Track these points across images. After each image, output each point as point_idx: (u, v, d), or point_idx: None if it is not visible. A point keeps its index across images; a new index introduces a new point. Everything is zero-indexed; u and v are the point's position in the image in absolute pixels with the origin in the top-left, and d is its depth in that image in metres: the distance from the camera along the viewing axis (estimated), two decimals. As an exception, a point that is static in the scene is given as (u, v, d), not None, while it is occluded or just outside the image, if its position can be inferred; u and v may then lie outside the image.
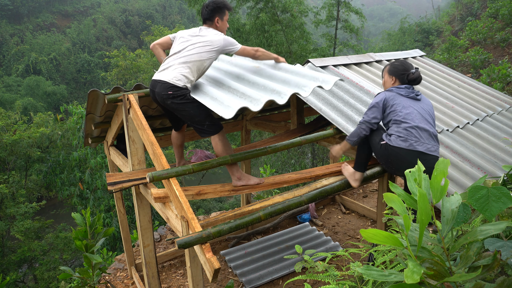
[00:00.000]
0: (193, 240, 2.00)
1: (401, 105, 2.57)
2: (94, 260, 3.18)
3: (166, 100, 2.64)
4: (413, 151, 2.45)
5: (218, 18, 2.85)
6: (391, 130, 2.56)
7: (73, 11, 45.58)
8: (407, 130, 2.48)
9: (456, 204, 1.08)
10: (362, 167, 2.73)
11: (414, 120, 2.51)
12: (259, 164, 13.83)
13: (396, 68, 2.73)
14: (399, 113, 2.54)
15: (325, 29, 13.84)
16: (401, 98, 2.61)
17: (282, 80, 2.75)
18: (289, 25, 12.36)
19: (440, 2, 40.67)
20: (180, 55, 2.72)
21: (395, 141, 2.49)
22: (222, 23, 2.88)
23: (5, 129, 12.07)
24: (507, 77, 8.49)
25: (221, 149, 2.71)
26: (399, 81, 2.72)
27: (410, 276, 0.85)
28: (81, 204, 9.76)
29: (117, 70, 21.85)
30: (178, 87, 2.62)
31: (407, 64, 2.74)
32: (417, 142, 2.46)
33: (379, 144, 2.59)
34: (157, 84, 2.67)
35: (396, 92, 2.64)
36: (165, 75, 2.67)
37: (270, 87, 2.61)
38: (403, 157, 2.46)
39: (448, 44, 13.94)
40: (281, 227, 5.19)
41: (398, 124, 2.53)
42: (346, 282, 1.70)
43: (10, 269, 10.26)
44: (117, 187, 2.75)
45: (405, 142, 2.46)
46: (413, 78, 2.67)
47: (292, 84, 2.66)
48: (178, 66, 2.68)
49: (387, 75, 2.79)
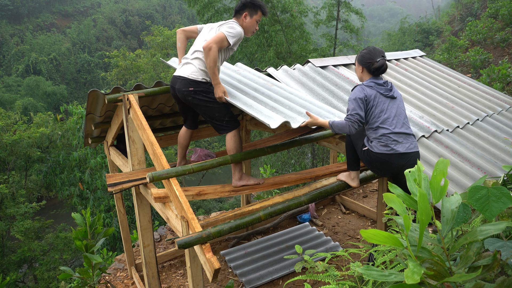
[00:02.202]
0: (193, 240, 2.00)
1: (379, 107, 2.49)
2: (94, 260, 3.18)
3: (187, 96, 2.66)
4: (394, 154, 2.46)
5: (247, 14, 2.76)
6: (369, 135, 2.55)
7: (73, 11, 45.59)
8: (385, 135, 2.47)
9: (456, 204, 1.08)
10: (354, 166, 2.73)
11: (391, 125, 2.48)
12: (259, 164, 13.83)
13: (362, 57, 2.60)
14: (377, 118, 2.48)
15: (325, 29, 13.85)
16: (381, 98, 2.51)
17: (303, 105, 2.94)
18: (289, 25, 12.36)
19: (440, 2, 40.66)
20: (196, 49, 2.74)
21: (376, 147, 2.49)
22: (250, 21, 2.77)
23: (5, 129, 12.07)
24: (507, 77, 8.49)
25: (233, 145, 2.73)
26: (366, 70, 2.60)
27: (410, 276, 0.85)
28: (81, 204, 9.75)
29: (117, 70, 21.85)
30: (198, 82, 2.65)
31: (375, 51, 2.59)
32: (397, 145, 2.47)
33: (362, 150, 2.59)
34: (177, 81, 2.70)
35: (377, 91, 2.52)
36: (184, 71, 2.70)
37: (296, 109, 2.80)
38: (386, 162, 2.48)
39: (448, 44, 13.94)
40: (281, 227, 5.19)
41: (374, 130, 2.50)
42: (346, 282, 1.70)
43: (10, 269, 10.26)
44: (117, 188, 2.76)
45: (385, 147, 2.47)
46: (377, 67, 2.54)
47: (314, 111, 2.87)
48: (195, 60, 2.70)
49: (356, 63, 2.69)
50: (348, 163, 2.75)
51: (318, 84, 3.62)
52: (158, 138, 3.99)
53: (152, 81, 19.95)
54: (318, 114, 2.82)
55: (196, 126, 3.11)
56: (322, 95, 3.44)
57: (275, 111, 2.69)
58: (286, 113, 2.67)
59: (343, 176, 2.79)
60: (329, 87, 3.57)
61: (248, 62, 13.08)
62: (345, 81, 3.72)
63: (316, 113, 2.81)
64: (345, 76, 3.78)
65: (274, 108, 2.73)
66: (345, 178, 2.77)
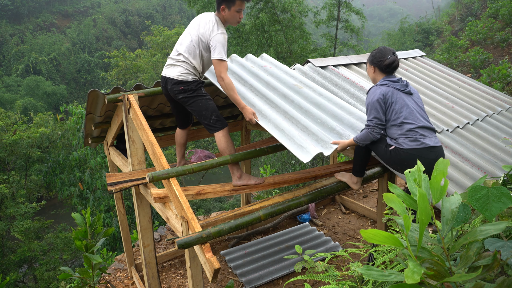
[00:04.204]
0: (193, 240, 2.00)
1: (399, 103, 2.45)
2: (94, 260, 3.18)
3: (178, 95, 2.73)
4: (425, 148, 2.40)
5: (224, 7, 2.72)
6: (394, 132, 2.46)
7: (73, 11, 45.60)
8: (412, 130, 2.41)
9: (456, 204, 1.08)
10: (360, 172, 2.68)
11: (416, 120, 2.44)
12: (259, 164, 13.82)
13: (374, 57, 2.60)
14: (400, 114, 2.43)
15: (326, 29, 13.85)
16: (399, 94, 2.48)
17: (334, 115, 2.82)
18: (289, 25, 12.37)
19: (440, 2, 40.66)
20: (180, 51, 2.77)
21: (406, 144, 2.41)
22: (230, 13, 2.73)
23: (5, 129, 12.07)
24: (507, 77, 8.49)
25: (224, 145, 2.74)
26: (378, 69, 2.59)
27: (410, 276, 0.85)
28: (81, 204, 9.76)
29: (117, 70, 21.87)
30: (187, 81, 2.70)
31: (386, 50, 2.59)
32: (425, 138, 2.42)
33: (387, 151, 2.49)
34: (168, 80, 2.75)
35: (393, 87, 2.49)
36: (172, 72, 2.74)
37: (328, 124, 2.69)
38: (418, 157, 2.37)
39: (448, 44, 13.94)
40: (281, 227, 5.19)
41: (399, 126, 2.44)
42: (346, 282, 1.70)
43: (10, 269, 10.26)
44: (117, 188, 2.76)
45: (415, 142, 2.40)
46: (388, 64, 2.52)
47: (345, 123, 2.77)
48: (181, 63, 2.74)
49: (368, 65, 2.67)
50: (355, 169, 2.68)
51: (318, 84, 3.62)
52: (158, 138, 3.99)
53: (152, 81, 19.95)
54: (350, 125, 2.72)
55: (187, 125, 3.14)
56: (322, 94, 3.44)
57: (307, 132, 2.59)
58: (317, 134, 2.56)
59: (345, 177, 2.76)
60: (329, 87, 3.57)
61: (248, 62, 13.06)
62: (345, 81, 3.71)
63: (348, 124, 2.72)
64: (345, 76, 3.78)
65: (305, 128, 2.62)
66: (347, 180, 2.74)
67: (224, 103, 4.17)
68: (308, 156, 2.34)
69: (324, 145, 2.51)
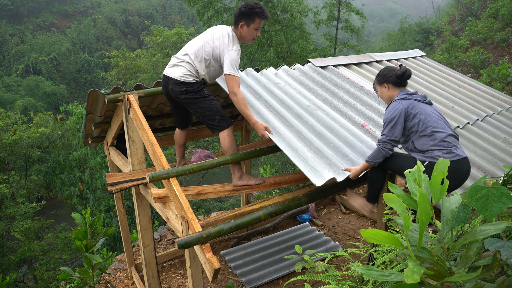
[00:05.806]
0: (193, 240, 2.00)
1: (424, 113, 2.34)
2: (94, 260, 3.18)
3: (179, 95, 2.72)
4: (460, 160, 2.27)
5: (244, 24, 2.73)
6: (424, 143, 2.31)
7: (73, 11, 45.58)
8: (444, 141, 2.28)
9: (456, 204, 1.08)
10: (375, 199, 2.59)
11: (444, 128, 2.32)
12: (259, 164, 13.81)
13: (383, 75, 2.54)
14: (428, 123, 2.31)
15: (326, 29, 13.85)
16: (421, 105, 2.38)
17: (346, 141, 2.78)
18: (289, 25, 12.37)
19: (440, 2, 40.64)
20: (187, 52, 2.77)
21: (440, 157, 2.34)
22: (248, 30, 2.74)
23: (5, 129, 12.07)
24: (507, 77, 8.48)
25: (228, 144, 2.74)
26: (392, 85, 2.52)
27: (410, 276, 0.85)
28: (81, 204, 9.75)
29: (117, 70, 21.86)
30: (189, 82, 2.70)
31: (391, 66, 2.58)
32: (457, 149, 2.30)
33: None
34: (169, 81, 2.74)
35: (413, 99, 2.38)
36: (175, 72, 2.73)
37: (340, 150, 2.64)
38: (456, 170, 2.25)
39: (448, 44, 13.93)
40: (281, 227, 5.19)
41: (430, 136, 2.30)
42: (346, 282, 1.70)
43: (10, 269, 10.25)
44: (117, 188, 2.76)
45: (450, 154, 2.25)
46: (401, 74, 2.45)
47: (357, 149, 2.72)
48: (185, 64, 2.74)
49: (379, 86, 2.59)
50: (369, 195, 2.59)
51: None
52: (158, 138, 3.99)
53: (152, 81, 19.94)
54: (362, 153, 2.65)
55: (187, 125, 3.13)
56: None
57: (320, 155, 2.56)
58: (331, 158, 2.53)
59: (357, 203, 2.68)
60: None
61: (248, 62, 13.09)
62: (345, 81, 3.71)
63: (360, 152, 2.66)
64: (345, 76, 3.78)
65: (319, 151, 2.58)
66: (359, 207, 2.65)
67: (224, 103, 4.17)
68: (321, 180, 2.30)
69: (337, 171, 2.46)
